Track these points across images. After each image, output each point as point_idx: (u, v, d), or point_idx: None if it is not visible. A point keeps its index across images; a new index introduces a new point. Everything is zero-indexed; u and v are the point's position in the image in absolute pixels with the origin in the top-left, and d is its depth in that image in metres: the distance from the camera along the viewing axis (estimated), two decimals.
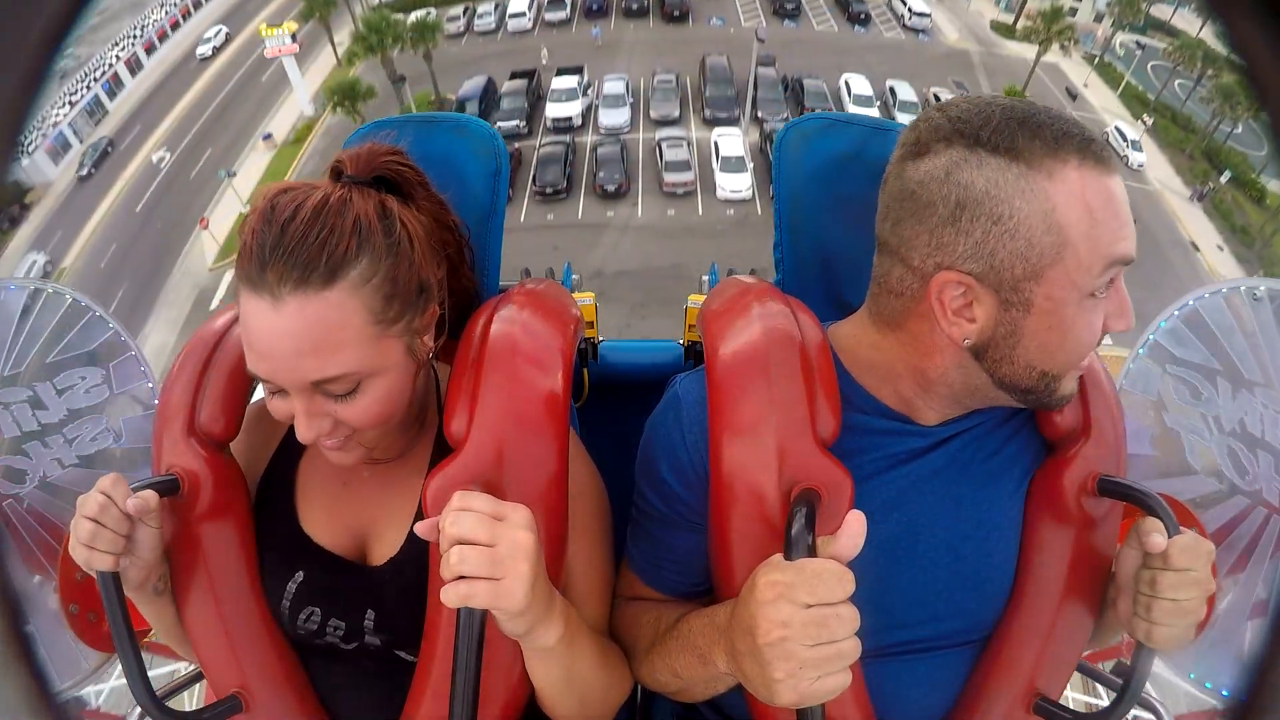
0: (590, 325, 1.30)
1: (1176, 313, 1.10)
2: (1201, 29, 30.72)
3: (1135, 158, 24.13)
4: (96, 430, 1.17)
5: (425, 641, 0.82)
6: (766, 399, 0.75)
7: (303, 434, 0.74)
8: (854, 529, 0.63)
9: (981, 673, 0.84)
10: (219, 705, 0.84)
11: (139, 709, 0.78)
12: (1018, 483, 0.84)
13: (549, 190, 21.38)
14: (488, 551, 0.64)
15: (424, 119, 1.05)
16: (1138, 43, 31.62)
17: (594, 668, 0.81)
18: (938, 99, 25.32)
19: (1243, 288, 1.08)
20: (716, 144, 22.02)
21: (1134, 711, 0.95)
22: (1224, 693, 1.06)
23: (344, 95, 23.62)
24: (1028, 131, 0.67)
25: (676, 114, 24.39)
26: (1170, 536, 0.71)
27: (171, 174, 25.09)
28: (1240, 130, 26.17)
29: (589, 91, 25.05)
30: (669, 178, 21.52)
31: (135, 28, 32.92)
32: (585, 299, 1.25)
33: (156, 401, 0.93)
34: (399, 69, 26.07)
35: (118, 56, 31.18)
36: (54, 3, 0.43)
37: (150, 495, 0.77)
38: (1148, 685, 0.77)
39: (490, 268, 1.05)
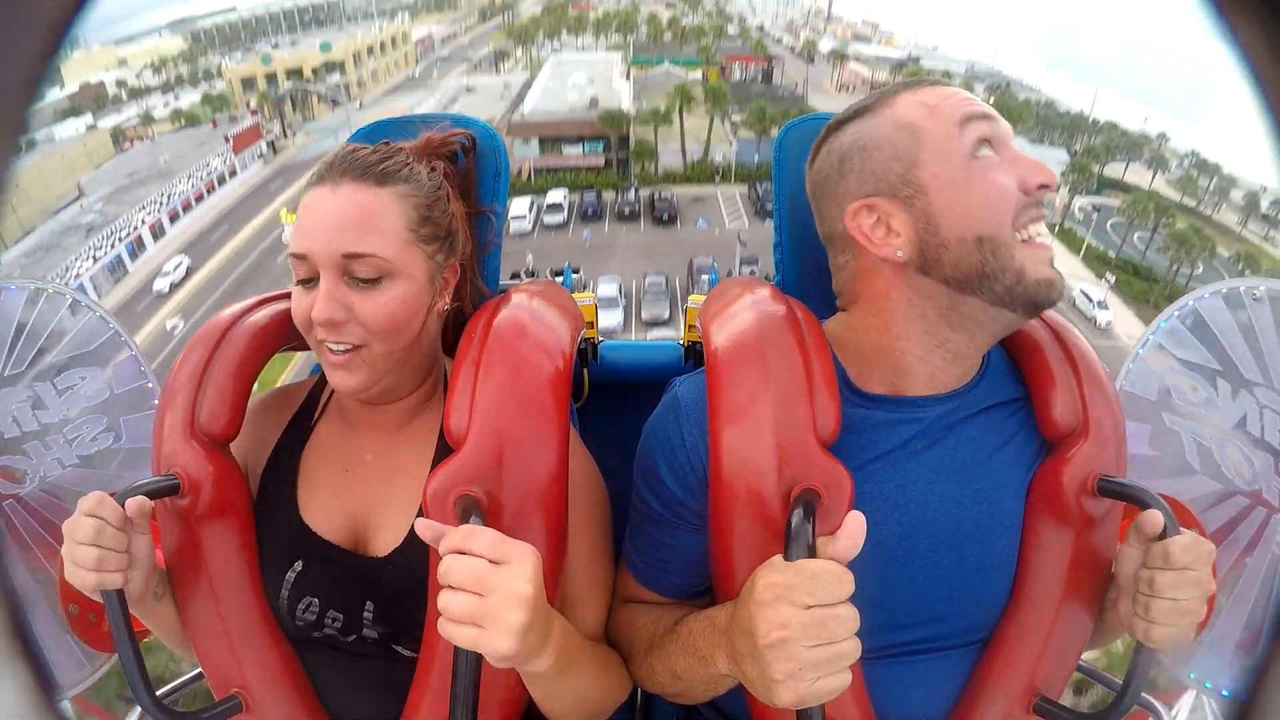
0: (590, 325, 1.30)
1: (1176, 313, 1.10)
2: (1153, 180, 33.94)
3: (1102, 316, 25.60)
4: (96, 430, 1.17)
5: (425, 641, 0.82)
6: (766, 398, 0.75)
7: (320, 310, 0.79)
8: (853, 529, 0.64)
9: (981, 673, 0.84)
10: (219, 705, 0.84)
11: (139, 709, 0.78)
12: (1018, 482, 0.84)
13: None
14: (476, 602, 0.63)
15: (424, 119, 1.05)
16: (1094, 207, 33.72)
17: (590, 681, 0.81)
18: None
19: (1243, 288, 1.08)
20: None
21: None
22: (1224, 693, 1.06)
23: None
24: (873, 98, 0.84)
25: (667, 315, 25.20)
26: (1169, 536, 0.71)
27: (183, 341, 25.58)
28: (1200, 270, 28.10)
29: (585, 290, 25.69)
30: None
31: (163, 195, 35.00)
32: (585, 299, 1.25)
33: (156, 401, 0.93)
34: None
35: (143, 220, 33.02)
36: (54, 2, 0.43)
37: (144, 503, 0.77)
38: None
39: (490, 268, 1.05)
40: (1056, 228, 31.75)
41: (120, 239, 31.45)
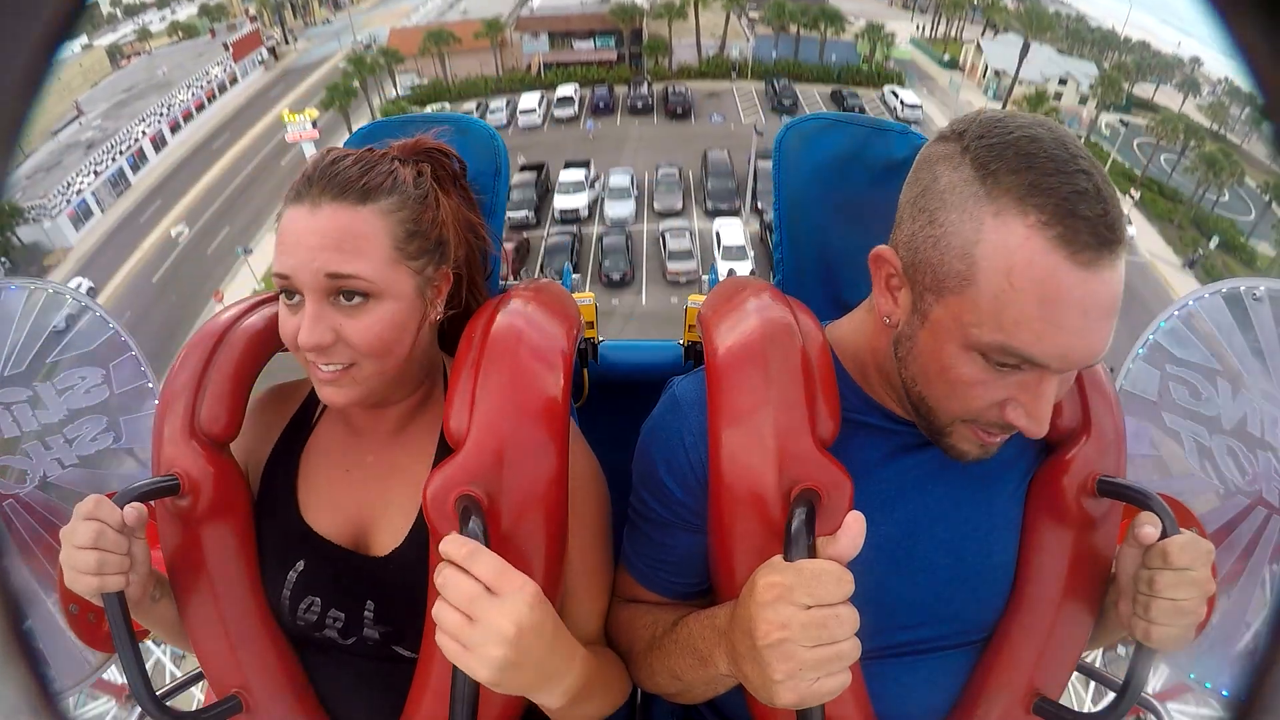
0: (590, 325, 1.30)
1: (1176, 313, 1.11)
2: (1183, 104, 32.71)
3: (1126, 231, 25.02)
4: (96, 430, 1.17)
5: (425, 641, 0.82)
6: (766, 399, 0.75)
7: (305, 336, 0.77)
8: (853, 530, 0.63)
9: (981, 673, 0.84)
10: (219, 705, 0.84)
11: (139, 709, 0.78)
12: (1017, 483, 0.84)
13: (555, 277, 22.25)
14: (464, 623, 0.63)
15: (423, 119, 1.05)
16: (1122, 121, 33.02)
17: (597, 703, 0.81)
18: None
19: (1243, 288, 1.08)
20: (718, 234, 22.37)
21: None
22: (1224, 693, 1.06)
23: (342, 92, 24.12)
24: (1019, 164, 0.63)
25: (680, 206, 24.88)
26: (1168, 536, 0.71)
27: (189, 248, 25.85)
28: (1226, 198, 27.33)
29: (595, 185, 25.62)
30: (673, 266, 21.90)
31: (162, 106, 34.48)
32: (585, 299, 1.25)
33: (157, 401, 0.93)
34: None
35: (144, 132, 32.55)
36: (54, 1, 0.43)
37: (141, 507, 0.77)
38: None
39: (491, 268, 1.05)
40: (1082, 140, 31.59)
41: (121, 152, 31.01)
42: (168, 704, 0.78)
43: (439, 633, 0.64)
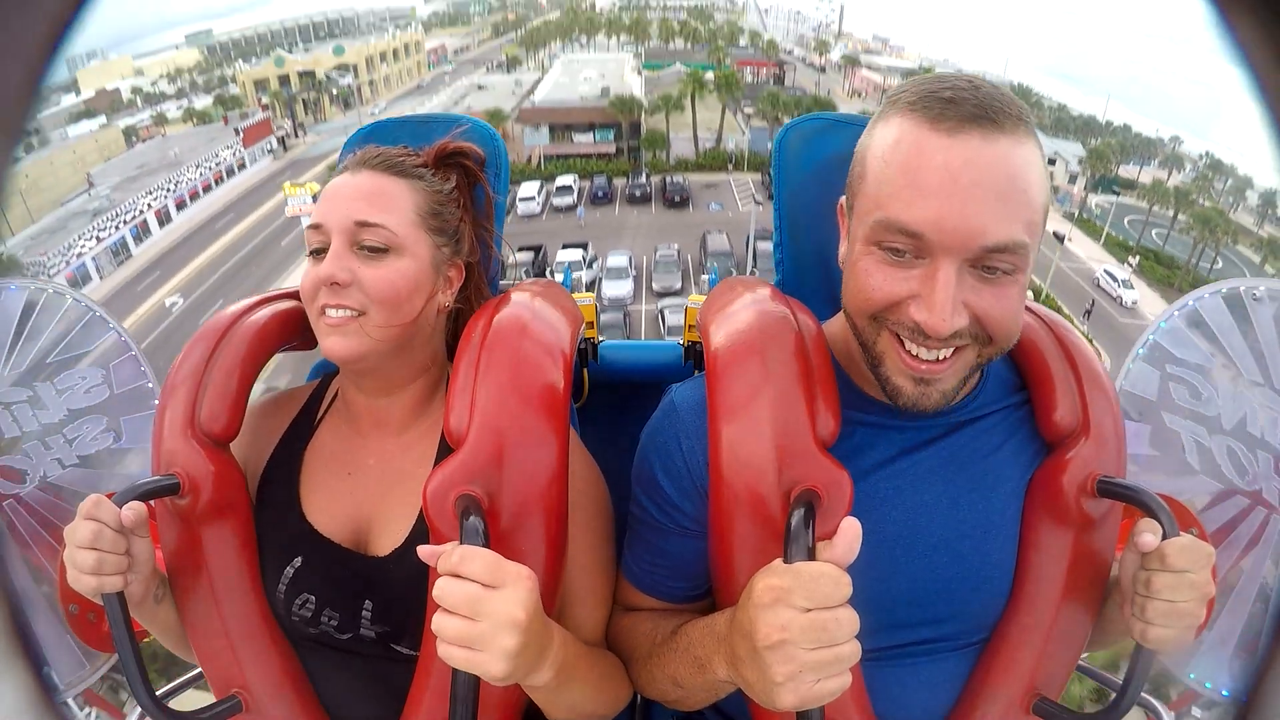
0: (590, 326, 1.30)
1: (1176, 313, 1.11)
2: (1169, 179, 34.55)
3: (1128, 295, 25.87)
4: (96, 430, 1.17)
5: (425, 640, 0.82)
6: (766, 400, 0.75)
7: (326, 268, 0.83)
8: (849, 535, 0.63)
9: (981, 673, 0.84)
10: (219, 705, 0.84)
11: (139, 709, 0.78)
12: (1016, 483, 0.84)
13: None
14: (468, 625, 0.63)
15: (423, 119, 1.05)
16: (1114, 190, 34.40)
17: (591, 689, 0.81)
18: None
19: (1243, 288, 1.08)
20: None
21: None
22: (1224, 693, 1.06)
23: None
24: (916, 88, 0.71)
25: (679, 286, 24.87)
26: (1168, 538, 0.71)
27: (182, 318, 26.07)
28: (1220, 265, 28.40)
29: (594, 265, 25.68)
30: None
31: (170, 183, 35.30)
32: (585, 299, 1.25)
33: (156, 401, 0.93)
34: None
35: (149, 205, 33.18)
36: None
37: (140, 507, 0.77)
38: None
39: (490, 269, 1.05)
40: (1074, 218, 32.26)
41: (125, 221, 31.43)
42: (168, 704, 0.78)
43: (442, 644, 0.64)
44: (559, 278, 1.41)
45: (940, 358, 0.72)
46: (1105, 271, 27.19)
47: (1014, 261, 0.68)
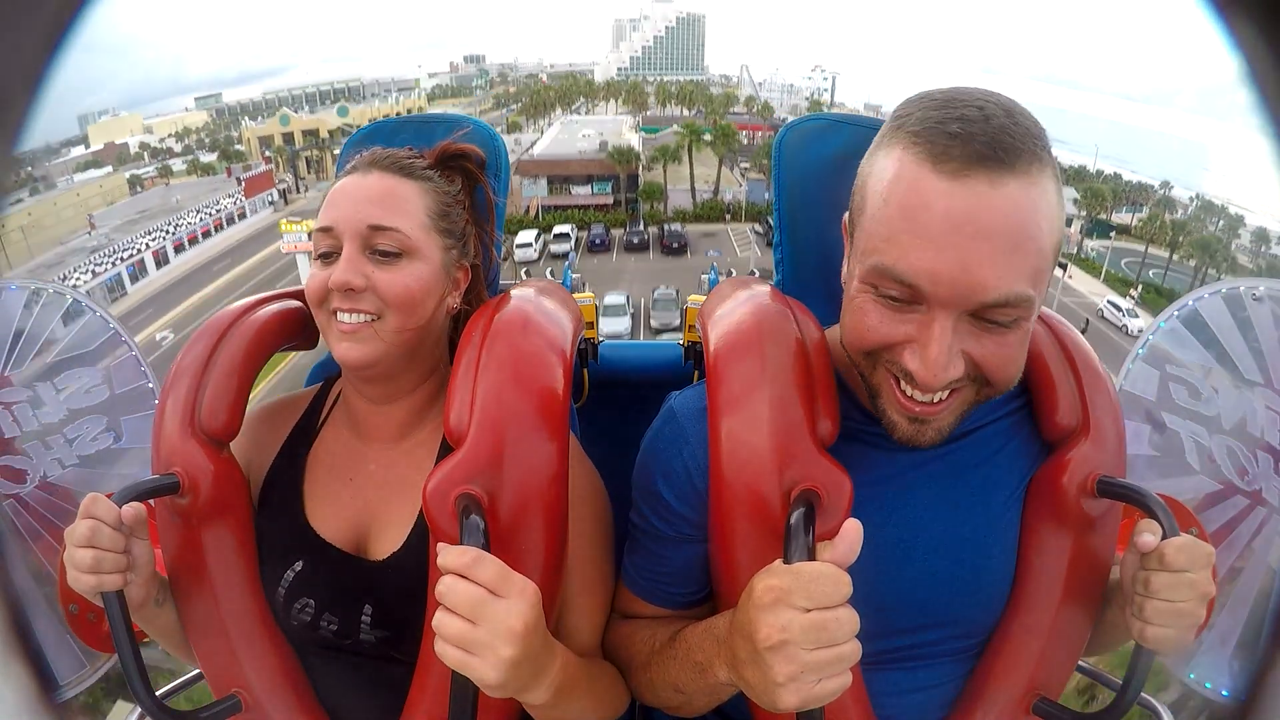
0: (590, 326, 1.30)
1: (1176, 313, 1.11)
2: (1161, 219, 35.45)
3: (1133, 324, 26.07)
4: (96, 430, 1.17)
5: (425, 643, 0.82)
6: (765, 397, 0.75)
7: (339, 274, 0.82)
8: (850, 537, 0.63)
9: (981, 673, 0.84)
10: (219, 705, 0.84)
11: (139, 709, 0.78)
12: (1015, 485, 0.84)
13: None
14: (468, 628, 0.63)
15: (422, 119, 1.05)
16: (1108, 241, 34.87)
17: (588, 707, 0.81)
18: None
19: (1243, 288, 1.08)
20: None
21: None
22: (1224, 693, 1.06)
23: None
24: (923, 109, 0.66)
25: (677, 323, 24.53)
26: (1168, 537, 0.71)
27: (171, 351, 25.95)
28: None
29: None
30: None
31: (170, 224, 35.65)
32: (585, 299, 1.25)
33: (156, 401, 0.93)
34: None
35: (147, 245, 33.37)
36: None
37: (138, 508, 0.77)
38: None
39: (489, 270, 1.05)
40: (1074, 255, 32.95)
41: (122, 259, 31.60)
42: (167, 703, 0.78)
43: (439, 642, 0.64)
44: (558, 278, 1.41)
45: (936, 400, 0.70)
46: (1109, 303, 27.59)
47: (1016, 314, 0.65)
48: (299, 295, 0.97)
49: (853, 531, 0.63)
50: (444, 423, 0.78)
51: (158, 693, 0.77)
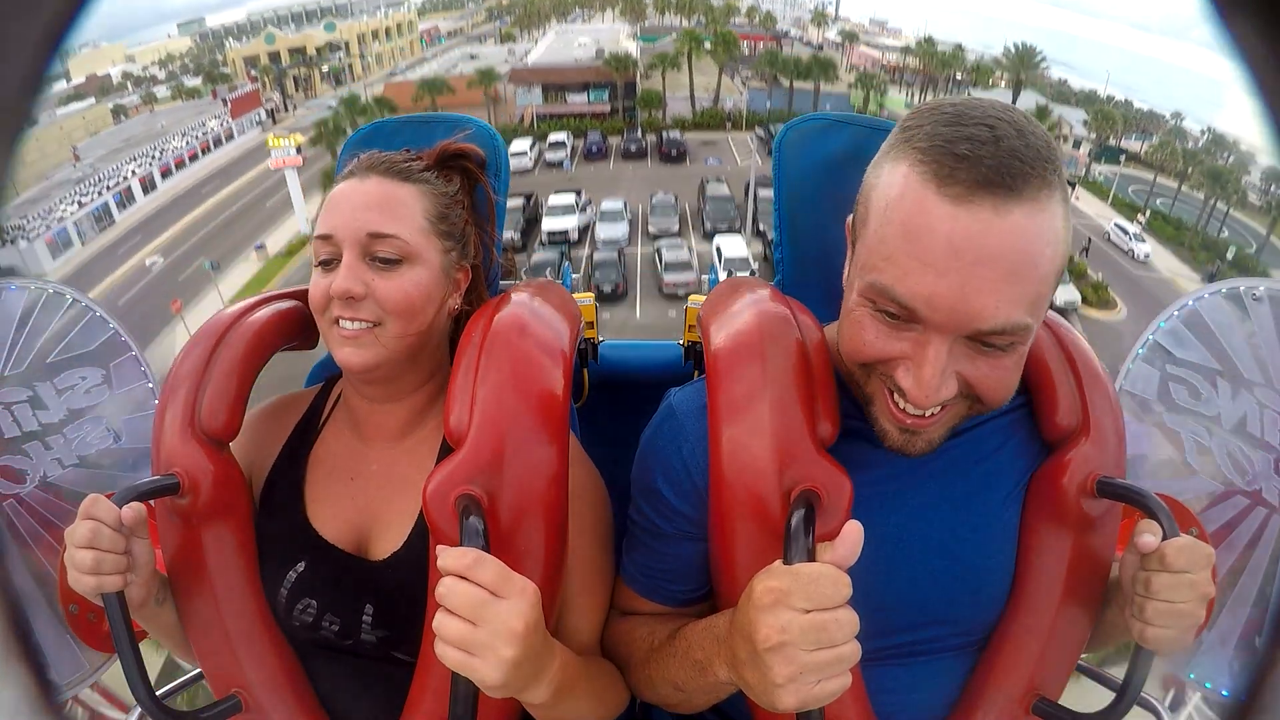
0: (590, 325, 1.30)
1: (1176, 313, 1.11)
2: (1174, 144, 33.74)
3: (1140, 249, 25.42)
4: (96, 430, 1.17)
5: (425, 643, 0.82)
6: (766, 400, 0.75)
7: (339, 283, 0.82)
8: (851, 539, 0.63)
9: (981, 673, 0.84)
10: (219, 705, 0.84)
11: (139, 709, 0.78)
12: (1014, 484, 0.84)
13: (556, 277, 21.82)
14: (468, 629, 0.63)
15: (422, 119, 1.05)
16: (1116, 166, 33.80)
17: (588, 705, 0.81)
18: None
19: (1243, 288, 1.08)
20: (719, 248, 21.40)
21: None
22: (1224, 693, 1.06)
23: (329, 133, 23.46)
24: (933, 122, 0.65)
25: (676, 228, 24.22)
26: (1168, 538, 0.71)
27: (161, 276, 25.69)
28: (1226, 234, 28.15)
29: (587, 209, 25.09)
30: (669, 278, 20.80)
31: (156, 150, 34.50)
32: (585, 299, 1.25)
33: (156, 401, 0.93)
34: None
35: (133, 172, 32.42)
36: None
37: (139, 506, 0.77)
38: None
39: (490, 268, 1.05)
40: (1081, 177, 31.76)
41: (108, 187, 30.77)
42: (167, 703, 0.78)
43: (440, 644, 0.64)
44: (552, 273, 1.41)
45: (928, 414, 0.70)
46: (1116, 225, 26.61)
47: (1013, 340, 0.65)
48: (299, 295, 0.97)
49: (853, 534, 0.63)
50: (444, 424, 0.78)
51: (158, 693, 0.77)
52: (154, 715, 0.76)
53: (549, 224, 24.30)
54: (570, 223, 24.15)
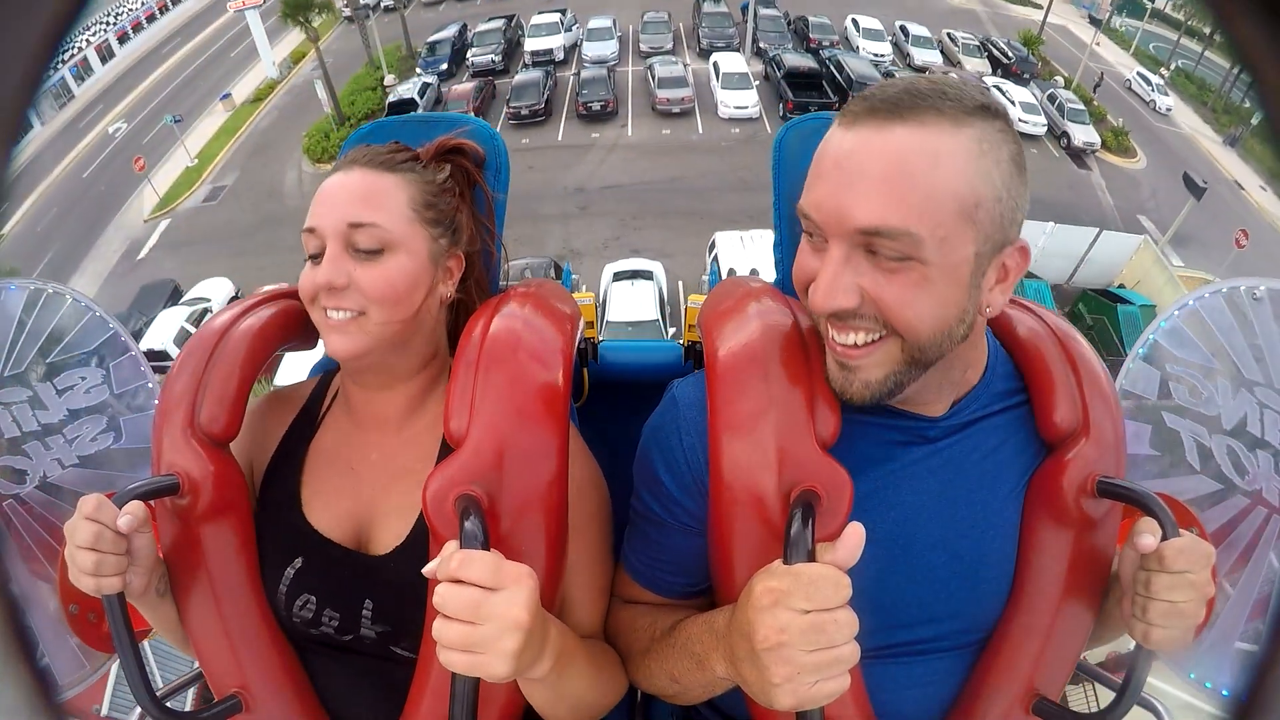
0: (590, 325, 1.30)
1: (1176, 313, 1.10)
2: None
3: (1162, 101, 23.98)
4: (96, 430, 1.17)
5: (425, 640, 0.82)
6: (766, 399, 0.75)
7: (321, 274, 0.84)
8: (852, 540, 0.63)
9: (980, 673, 0.84)
10: (219, 705, 0.84)
11: (139, 709, 0.78)
12: (1015, 483, 0.84)
13: (524, 113, 19.03)
14: (469, 630, 0.63)
15: (422, 119, 1.05)
16: (1142, 18, 32.08)
17: (586, 685, 0.81)
18: (952, 39, 24.18)
19: (1243, 288, 1.08)
20: (716, 64, 19.90)
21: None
22: (1224, 693, 1.06)
23: (297, 6, 20.94)
24: (870, 94, 0.71)
25: (669, 47, 22.45)
26: (1168, 538, 0.71)
27: (125, 142, 23.96)
28: (1248, 104, 25.85)
29: (573, 28, 23.44)
30: (662, 94, 19.10)
31: (110, 15, 31.75)
32: (585, 299, 1.25)
33: (156, 401, 0.93)
34: (374, 35, 24.11)
35: (88, 41, 29.92)
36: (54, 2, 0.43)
37: (140, 508, 0.78)
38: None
39: (491, 267, 1.05)
40: (1104, 23, 29.23)
41: (63, 61, 27.92)
42: (167, 704, 0.78)
43: (443, 650, 0.64)
44: (554, 273, 1.40)
45: (854, 343, 0.72)
46: (1138, 74, 25.11)
47: (898, 249, 0.67)
48: (298, 294, 0.97)
49: (854, 535, 0.63)
50: (444, 425, 0.78)
51: (158, 693, 0.77)
52: (154, 715, 0.76)
53: (532, 44, 22.38)
54: (555, 42, 22.37)
